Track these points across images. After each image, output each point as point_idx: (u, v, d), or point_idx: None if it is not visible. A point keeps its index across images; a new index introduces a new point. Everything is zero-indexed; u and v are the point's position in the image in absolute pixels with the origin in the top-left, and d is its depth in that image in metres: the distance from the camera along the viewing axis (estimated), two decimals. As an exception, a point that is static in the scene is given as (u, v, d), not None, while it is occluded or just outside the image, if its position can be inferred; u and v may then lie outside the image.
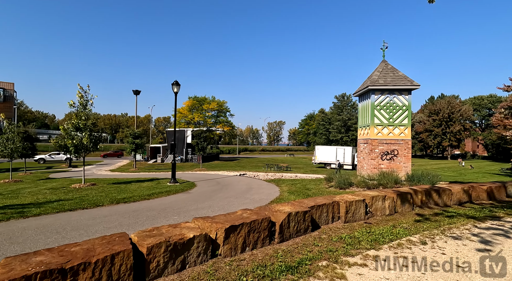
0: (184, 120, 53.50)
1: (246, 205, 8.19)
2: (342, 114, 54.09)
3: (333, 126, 54.07)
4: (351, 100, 55.91)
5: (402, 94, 11.21)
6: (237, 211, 4.48)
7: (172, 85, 14.05)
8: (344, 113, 54.44)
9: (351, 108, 55.13)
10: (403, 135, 11.22)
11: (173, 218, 6.34)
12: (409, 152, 11.20)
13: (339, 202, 5.51)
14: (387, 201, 6.22)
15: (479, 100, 70.35)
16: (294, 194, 9.89)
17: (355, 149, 37.67)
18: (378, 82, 11.13)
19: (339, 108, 55.20)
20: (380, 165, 11.22)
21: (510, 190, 8.43)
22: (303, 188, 11.55)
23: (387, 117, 11.27)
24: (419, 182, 10.28)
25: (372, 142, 11.25)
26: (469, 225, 5.48)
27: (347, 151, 34.90)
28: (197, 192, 11.08)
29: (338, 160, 34.36)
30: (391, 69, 11.57)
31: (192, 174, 19.96)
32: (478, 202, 7.85)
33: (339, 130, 53.50)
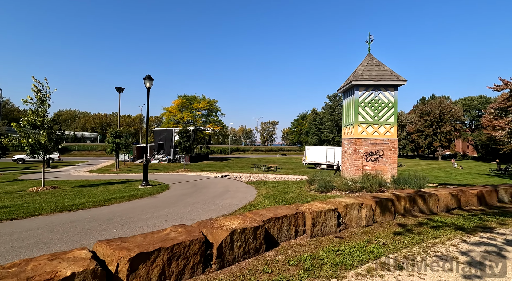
0: (173, 120, 52.10)
1: (211, 213, 7.23)
2: (334, 114, 53.58)
3: (325, 126, 53.53)
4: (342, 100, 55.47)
5: (388, 90, 10.43)
6: (167, 228, 3.51)
7: (144, 79, 12.98)
8: (336, 113, 53.95)
9: (343, 108, 54.70)
10: (389, 135, 10.43)
11: (113, 231, 5.33)
12: (395, 152, 10.43)
13: (304, 213, 4.61)
14: (364, 209, 5.35)
15: (469, 101, 71.05)
16: (270, 199, 8.98)
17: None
18: (363, 77, 10.32)
19: (331, 108, 54.68)
20: (365, 166, 10.41)
21: (502, 194, 7.71)
22: (282, 191, 10.66)
23: (372, 115, 10.47)
24: (405, 185, 9.51)
25: (356, 141, 10.44)
26: (456, 239, 4.64)
27: (338, 151, 34.26)
28: (165, 196, 10.06)
29: (338, 160, 33.63)
30: (377, 63, 10.78)
31: (172, 175, 18.87)
32: (468, 208, 7.09)
33: (331, 131, 52.97)
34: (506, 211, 6.91)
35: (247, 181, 15.09)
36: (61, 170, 25.74)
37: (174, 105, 53.92)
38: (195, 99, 55.44)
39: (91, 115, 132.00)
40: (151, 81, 13.11)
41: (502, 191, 7.70)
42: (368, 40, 11.10)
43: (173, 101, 54.44)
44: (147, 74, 12.96)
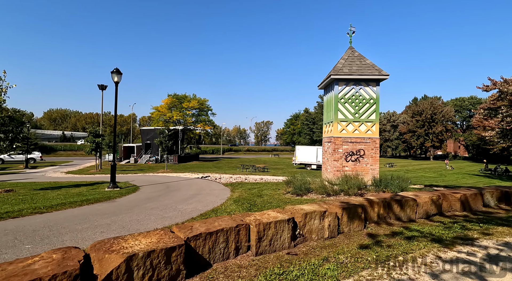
0: (163, 119, 50.87)
1: (164, 221, 6.37)
2: (326, 114, 53.10)
3: (317, 126, 52.99)
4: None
5: (370, 86, 9.71)
6: (40, 254, 2.65)
7: (111, 73, 12.02)
8: (328, 113, 53.46)
9: (335, 108, 54.25)
10: (370, 133, 9.72)
11: (25, 247, 4.43)
12: (377, 152, 9.71)
13: (249, 225, 3.79)
14: (328, 218, 4.57)
15: (460, 101, 71.56)
16: (238, 203, 8.15)
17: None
18: (342, 71, 9.58)
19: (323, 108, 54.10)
20: (344, 167, 9.68)
21: (488, 198, 7.05)
22: (256, 194, 9.85)
23: (353, 112, 9.74)
24: (387, 187, 8.79)
25: (335, 140, 9.70)
26: (430, 255, 3.89)
27: (328, 151, 33.68)
28: (125, 200, 9.15)
29: None
30: (358, 57, 10.06)
31: (150, 177, 17.89)
32: (450, 214, 6.38)
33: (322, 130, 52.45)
34: (492, 216, 6.23)
35: (226, 182, 14.24)
36: (38, 171, 24.49)
37: (163, 104, 52.68)
38: (185, 98, 54.29)
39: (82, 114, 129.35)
40: (120, 75, 12.15)
41: (487, 195, 7.03)
42: (350, 32, 10.38)
43: (163, 100, 53.21)
44: (114, 68, 12.00)
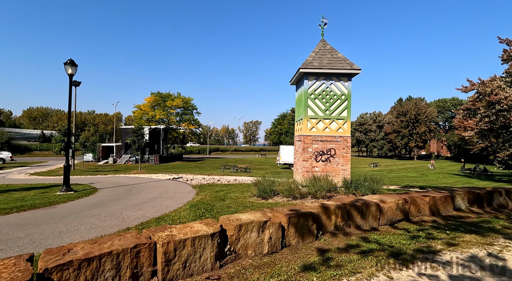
0: (145, 118, 49.08)
1: (100, 231, 5.46)
2: (312, 114, 52.84)
3: (303, 126, 52.68)
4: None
5: (341, 81, 9.10)
6: None
7: (65, 65, 10.85)
8: (315, 112, 53.24)
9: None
10: (342, 131, 9.11)
11: None
12: (348, 152, 9.12)
13: (155, 244, 2.97)
14: (269, 230, 3.82)
15: (443, 103, 73.45)
16: (195, 208, 7.31)
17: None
18: (312, 64, 8.92)
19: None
20: (314, 167, 9.02)
21: (459, 201, 6.54)
22: (220, 197, 9.04)
23: (323, 109, 9.10)
24: (357, 189, 8.19)
25: (304, 139, 9.03)
26: (381, 275, 3.21)
27: (312, 151, 33.28)
28: (69, 206, 8.11)
29: None
30: (330, 50, 9.44)
31: (119, 178, 16.70)
32: (418, 219, 5.80)
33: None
34: (461, 222, 5.69)
35: (196, 184, 13.35)
36: (3, 172, 22.64)
37: (146, 102, 50.89)
38: (169, 96, 52.70)
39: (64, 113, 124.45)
40: (75, 67, 11.01)
41: (458, 198, 6.53)
42: (321, 24, 9.74)
43: (146, 99, 51.36)
44: (68, 59, 10.85)
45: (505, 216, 6.27)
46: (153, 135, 41.15)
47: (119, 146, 41.51)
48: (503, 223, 5.66)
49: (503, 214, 6.44)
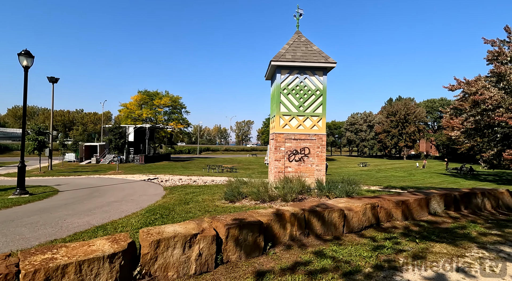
0: (131, 117, 47.67)
1: (23, 242, 4.67)
2: (303, 113, 52.44)
3: (294, 125, 52.23)
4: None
5: (316, 75, 8.52)
6: None
7: (19, 56, 9.91)
8: (305, 112, 52.84)
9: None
10: (317, 129, 8.53)
11: None
12: (323, 151, 8.54)
13: (17, 273, 2.25)
14: (198, 245, 3.15)
15: (432, 103, 74.41)
16: (152, 213, 6.60)
17: (309, 148, 35.80)
18: (285, 57, 8.30)
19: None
20: (287, 167, 8.41)
21: (434, 205, 6.03)
22: (187, 200, 8.35)
23: (297, 105, 8.50)
24: (330, 191, 7.61)
25: (277, 137, 8.41)
26: (323, 304, 2.58)
27: (300, 151, 32.82)
28: (9, 212, 7.24)
29: None
30: (305, 42, 8.84)
31: (90, 179, 15.73)
32: (389, 224, 5.24)
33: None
34: (435, 227, 5.17)
35: (170, 185, 12.59)
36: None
37: (133, 101, 49.45)
38: (157, 95, 51.40)
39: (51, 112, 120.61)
40: (31, 58, 10.08)
41: (434, 201, 6.02)
42: (296, 15, 9.13)
43: (132, 97, 49.89)
44: (23, 49, 9.92)
45: (483, 220, 5.79)
46: (138, 135, 39.91)
47: (103, 145, 40.04)
48: (479, 228, 5.16)
49: (481, 218, 5.97)
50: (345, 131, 75.11)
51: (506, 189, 7.13)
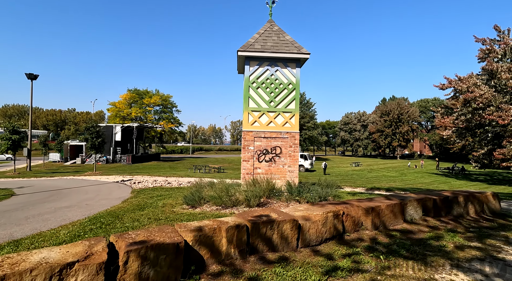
0: (120, 116, 46.49)
1: None
2: (295, 113, 51.89)
3: (286, 124, 51.66)
4: (304, 98, 54.14)
5: (288, 67, 7.78)
6: None
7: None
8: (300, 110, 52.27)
9: (304, 106, 53.35)
10: (289, 126, 7.80)
11: None
12: (296, 150, 7.82)
13: None
14: (76, 278, 2.36)
15: (425, 103, 74.48)
16: (91, 223, 5.79)
17: (299, 148, 35.17)
18: (254, 47, 7.54)
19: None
20: (257, 168, 7.66)
21: (411, 211, 5.34)
22: (145, 205, 7.56)
23: (267, 100, 7.75)
24: (300, 194, 6.88)
25: (245, 135, 7.65)
26: None
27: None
28: None
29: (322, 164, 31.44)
30: (277, 31, 8.09)
31: (60, 181, 14.79)
32: (355, 236, 4.53)
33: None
34: (408, 238, 4.47)
35: (141, 187, 11.76)
36: None
37: (122, 99, 48.25)
38: (147, 93, 50.28)
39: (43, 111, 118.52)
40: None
41: (410, 207, 5.34)
42: (269, 2, 8.38)
43: (121, 96, 48.74)
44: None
45: (464, 228, 5.12)
46: (125, 134, 38.80)
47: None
48: (457, 239, 4.48)
49: (462, 226, 5.30)
50: (339, 131, 74.79)
51: (492, 192, 6.48)
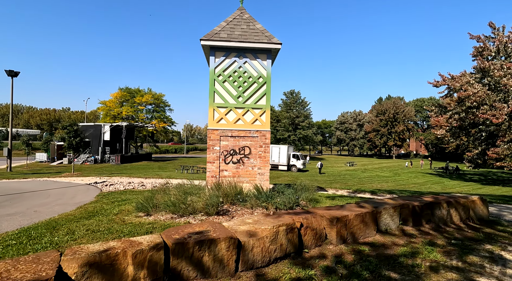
0: (110, 115, 45.50)
1: None
2: (290, 112, 51.26)
3: (280, 124, 51.02)
4: (299, 98, 53.47)
5: (258, 58, 7.06)
6: None
7: None
8: (293, 111, 51.69)
9: (299, 105, 52.70)
10: (259, 124, 7.07)
11: None
12: (267, 150, 7.09)
13: None
14: None
15: (421, 102, 74.15)
16: (29, 233, 5.02)
17: (291, 147, 34.53)
18: (219, 36, 6.80)
19: (287, 106, 52.35)
20: (223, 171, 6.93)
21: (386, 220, 4.64)
22: (97, 212, 6.79)
23: (235, 95, 7.02)
24: (270, 199, 6.14)
25: (210, 133, 6.92)
26: None
27: (282, 150, 31.51)
28: None
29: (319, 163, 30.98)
30: (247, 20, 7.35)
31: (29, 183, 13.93)
32: (315, 252, 3.81)
33: (287, 129, 50.57)
34: (377, 254, 3.76)
35: (112, 190, 11.00)
36: None
37: (112, 98, 47.25)
38: (138, 92, 49.29)
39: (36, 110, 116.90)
40: None
41: (385, 214, 4.64)
42: (239, -13, 7.64)
43: (112, 94, 47.71)
44: None
45: (444, 240, 4.43)
46: (115, 133, 37.84)
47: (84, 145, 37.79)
48: (434, 255, 3.78)
49: (443, 237, 4.61)
50: (335, 130, 74.30)
51: (479, 197, 5.82)
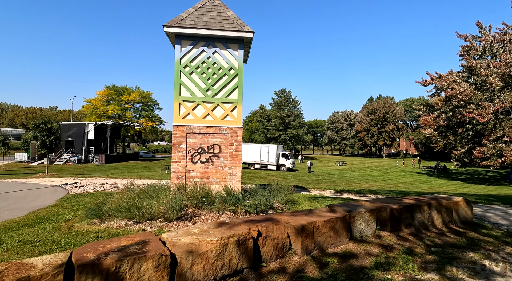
0: (96, 113, 43.99)
1: None
2: (281, 111, 50.85)
3: (271, 123, 50.56)
4: (290, 97, 53.13)
5: (229, 48, 6.47)
6: None
7: None
8: (283, 110, 51.32)
9: (290, 104, 52.37)
10: (230, 120, 6.49)
11: None
12: (239, 148, 6.52)
13: None
14: None
15: (410, 102, 75.09)
16: None
17: (281, 147, 34.11)
18: (186, 22, 6.18)
19: (278, 105, 51.93)
20: (190, 171, 6.32)
21: (361, 226, 4.14)
22: (47, 218, 6.09)
23: (203, 88, 6.41)
24: (237, 204, 5.58)
25: (176, 130, 6.30)
26: None
27: (272, 149, 31.05)
28: None
29: (310, 163, 30.52)
30: (218, 6, 6.76)
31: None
32: (274, 266, 3.27)
33: (277, 128, 50.14)
34: (345, 268, 3.24)
35: (79, 192, 10.22)
36: None
37: (98, 96, 45.72)
38: (126, 90, 47.89)
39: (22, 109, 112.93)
40: None
41: (360, 219, 4.15)
42: (211, -28, 7.03)
43: (98, 92, 46.17)
44: None
45: (424, 248, 3.96)
46: (99, 132, 36.53)
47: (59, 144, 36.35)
48: (411, 267, 3.30)
49: (423, 243, 4.15)
50: (327, 130, 74.46)
51: (463, 198, 5.41)
